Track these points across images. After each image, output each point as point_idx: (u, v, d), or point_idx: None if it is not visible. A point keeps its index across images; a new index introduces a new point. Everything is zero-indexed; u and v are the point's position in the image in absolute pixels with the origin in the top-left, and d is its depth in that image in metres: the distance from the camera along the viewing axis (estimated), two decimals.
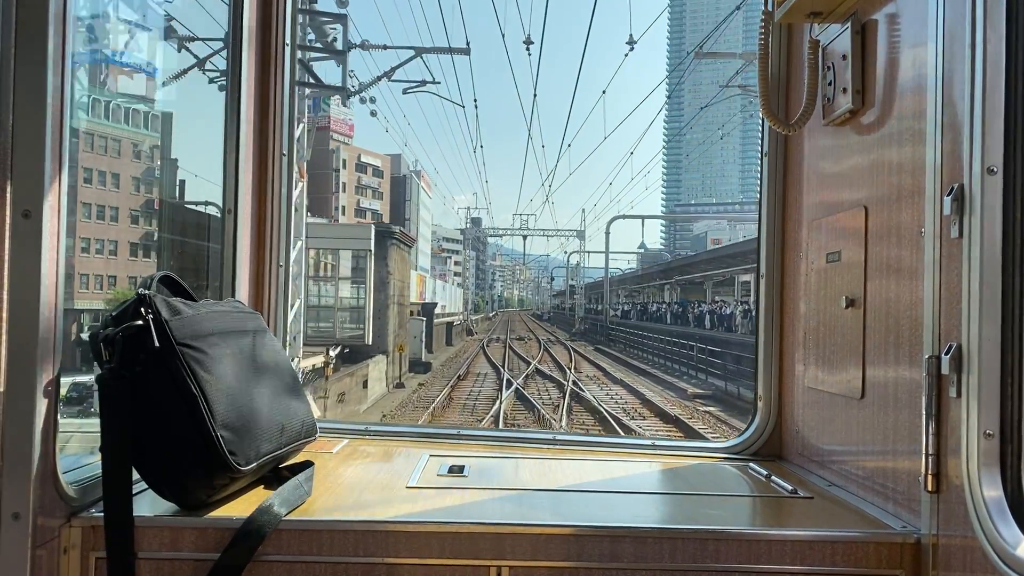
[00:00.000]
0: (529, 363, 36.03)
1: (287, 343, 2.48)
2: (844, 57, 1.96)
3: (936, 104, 1.53)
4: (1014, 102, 1.39)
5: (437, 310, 71.76)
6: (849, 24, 1.94)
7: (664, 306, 62.55)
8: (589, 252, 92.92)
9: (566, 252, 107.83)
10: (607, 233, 68.04)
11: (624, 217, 78.18)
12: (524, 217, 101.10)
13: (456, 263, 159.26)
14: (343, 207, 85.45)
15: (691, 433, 17.90)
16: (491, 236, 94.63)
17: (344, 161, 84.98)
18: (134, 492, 1.60)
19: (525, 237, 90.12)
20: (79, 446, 1.84)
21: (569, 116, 60.73)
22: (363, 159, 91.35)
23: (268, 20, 2.42)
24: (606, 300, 70.57)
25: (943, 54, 1.52)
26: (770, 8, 2.13)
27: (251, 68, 2.35)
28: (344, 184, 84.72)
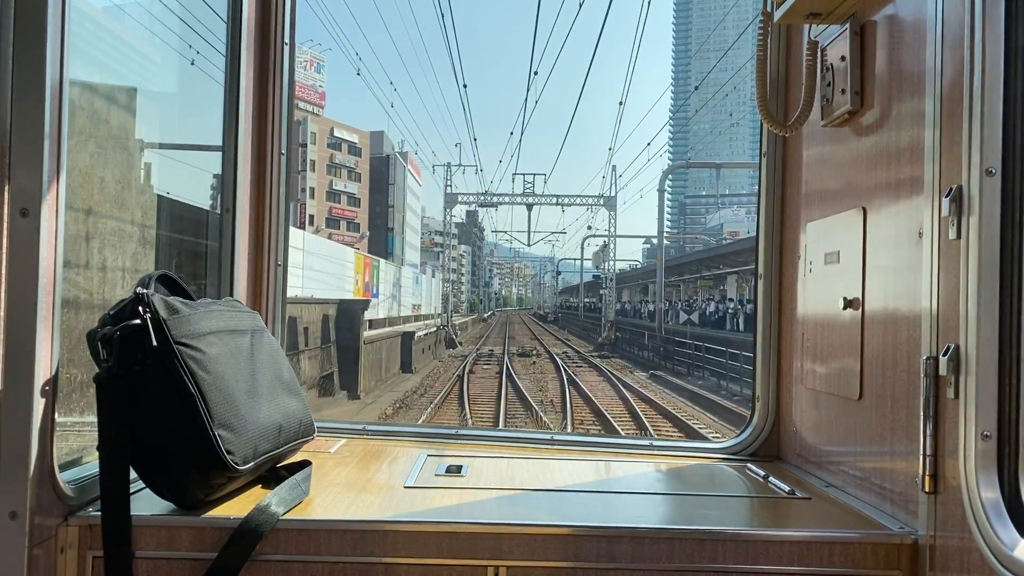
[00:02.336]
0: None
1: (285, 342, 2.48)
2: (843, 58, 1.96)
3: (934, 105, 1.53)
4: (1012, 103, 1.39)
5: (403, 311, 52.37)
6: (848, 25, 1.94)
7: (727, 305, 42.74)
8: (616, 237, 60.15)
9: (589, 227, 73.92)
10: (661, 191, 44.21)
11: (696, 165, 53.57)
12: (528, 180, 61.71)
13: (450, 258, 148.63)
14: (312, 189, 72.86)
15: None
16: (482, 206, 64.93)
17: (313, 135, 73.47)
18: (131, 491, 1.60)
19: (530, 207, 57.75)
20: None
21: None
22: (337, 133, 78.53)
23: (267, 20, 2.42)
24: (660, 296, 45.56)
25: (941, 55, 1.52)
26: (769, 9, 2.13)
27: (250, 68, 2.35)
28: (313, 162, 73.63)
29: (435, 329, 51.81)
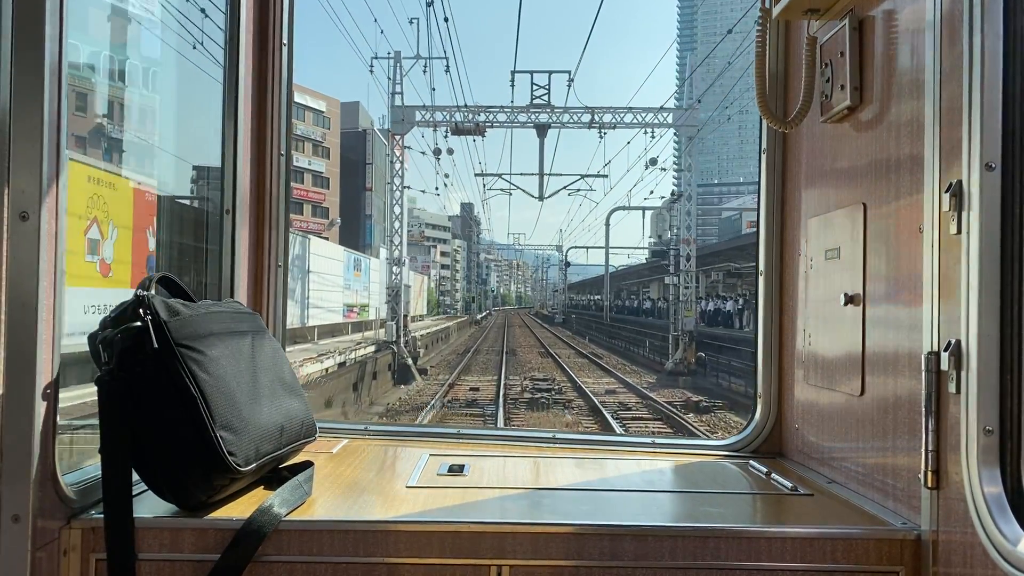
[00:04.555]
0: None
1: (286, 343, 2.48)
2: (842, 54, 1.96)
3: (934, 100, 1.53)
4: (1012, 98, 1.39)
5: (325, 316, 30.31)
6: (846, 20, 1.94)
7: None
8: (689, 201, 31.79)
9: (650, 164, 36.33)
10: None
11: None
12: (539, 85, 29.69)
13: (443, 253, 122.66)
14: None
15: None
16: (459, 133, 28.46)
17: None
18: (134, 493, 1.60)
19: (543, 128, 29.10)
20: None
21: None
22: (298, 98, 64.66)
23: (265, 20, 2.42)
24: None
25: (941, 50, 1.52)
26: (767, 5, 2.13)
27: (248, 68, 2.35)
28: None
29: (373, 350, 28.40)
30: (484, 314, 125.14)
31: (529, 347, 48.05)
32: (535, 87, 31.35)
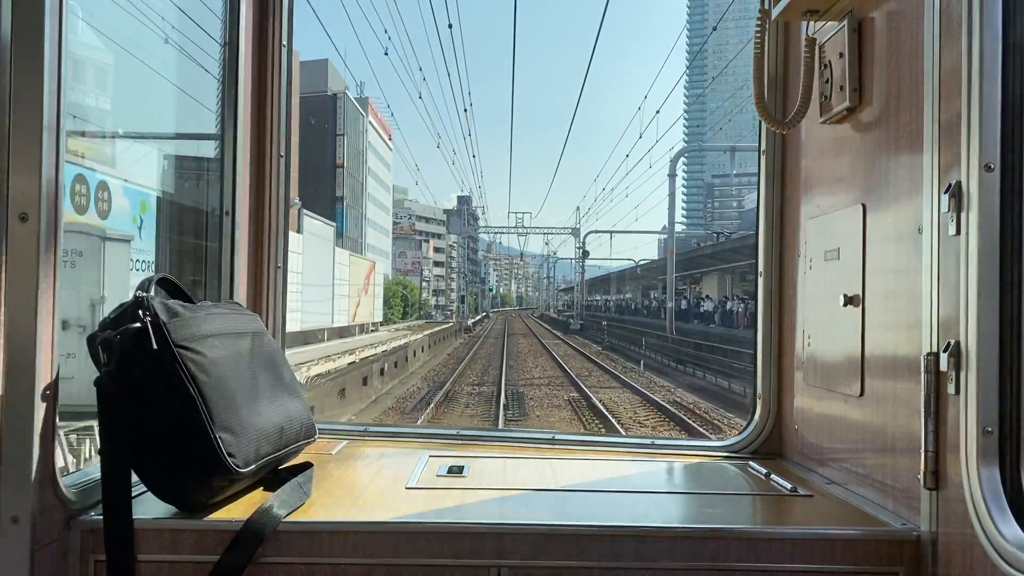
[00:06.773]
0: None
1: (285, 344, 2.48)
2: (841, 55, 1.96)
3: (933, 101, 1.53)
4: (1011, 99, 1.39)
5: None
6: (845, 22, 1.94)
7: None
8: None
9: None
10: None
11: None
12: None
13: (436, 249, 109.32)
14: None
15: None
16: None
17: None
18: (133, 495, 1.60)
19: None
20: None
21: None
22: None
23: (265, 22, 2.42)
24: None
25: (939, 51, 1.52)
26: (766, 6, 2.13)
27: (248, 70, 2.35)
28: None
29: None
30: (479, 317, 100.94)
31: (548, 385, 26.48)
32: None
